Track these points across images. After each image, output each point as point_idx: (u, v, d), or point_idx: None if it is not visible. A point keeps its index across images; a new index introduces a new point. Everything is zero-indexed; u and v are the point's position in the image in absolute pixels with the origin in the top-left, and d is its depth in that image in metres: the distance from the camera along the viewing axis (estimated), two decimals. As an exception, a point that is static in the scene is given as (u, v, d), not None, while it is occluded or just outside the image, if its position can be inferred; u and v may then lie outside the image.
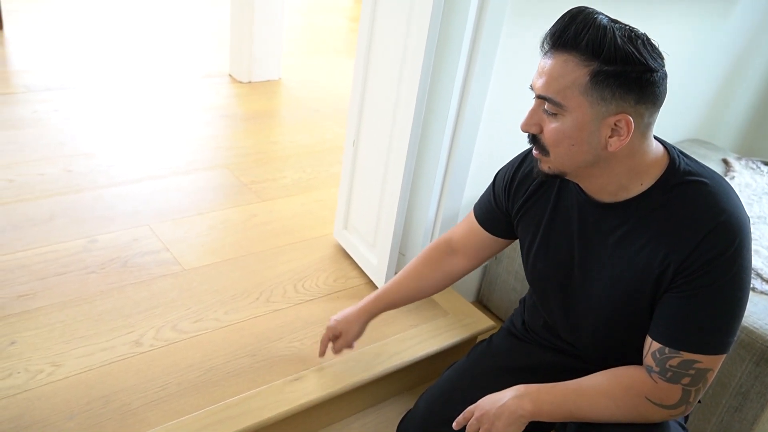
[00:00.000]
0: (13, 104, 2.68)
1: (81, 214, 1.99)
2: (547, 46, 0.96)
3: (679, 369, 0.98)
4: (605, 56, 0.91)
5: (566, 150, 0.97)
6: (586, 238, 1.09)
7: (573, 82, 0.93)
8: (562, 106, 0.95)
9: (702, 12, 2.11)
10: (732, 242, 0.95)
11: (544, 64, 0.96)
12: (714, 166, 2.29)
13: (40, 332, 1.52)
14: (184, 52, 3.68)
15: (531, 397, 1.06)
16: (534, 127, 1.00)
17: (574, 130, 0.96)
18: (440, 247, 1.37)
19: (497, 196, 1.24)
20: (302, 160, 2.57)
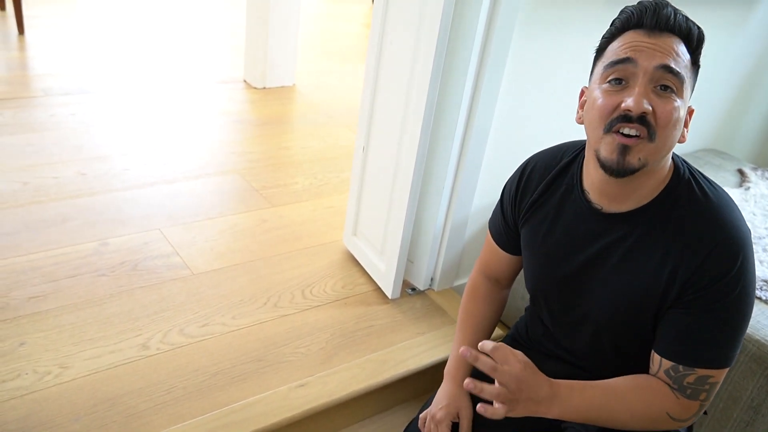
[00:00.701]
0: (31, 108, 2.72)
1: (93, 217, 2.01)
2: (655, 26, 0.93)
3: (697, 385, 0.99)
4: (699, 51, 0.97)
5: (672, 134, 0.94)
6: (588, 250, 1.08)
7: (687, 64, 0.95)
8: (683, 83, 0.94)
9: (718, 20, 2.09)
10: (738, 257, 0.94)
11: (656, 41, 0.93)
12: (729, 177, 2.26)
13: (49, 334, 1.54)
14: (200, 58, 3.71)
15: (560, 406, 1.00)
16: (650, 106, 0.92)
17: (683, 111, 0.95)
18: (480, 282, 1.32)
19: (505, 210, 1.22)
20: (314, 166, 2.58)
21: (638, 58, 0.93)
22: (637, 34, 0.94)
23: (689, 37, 0.95)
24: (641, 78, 0.93)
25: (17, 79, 3.02)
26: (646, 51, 0.93)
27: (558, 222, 1.12)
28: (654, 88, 0.93)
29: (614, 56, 0.95)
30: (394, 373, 1.57)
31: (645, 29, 0.94)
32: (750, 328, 1.46)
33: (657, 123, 0.92)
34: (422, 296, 1.87)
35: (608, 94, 0.95)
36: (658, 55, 0.92)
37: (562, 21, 1.62)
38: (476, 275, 1.34)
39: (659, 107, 0.92)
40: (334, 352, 1.61)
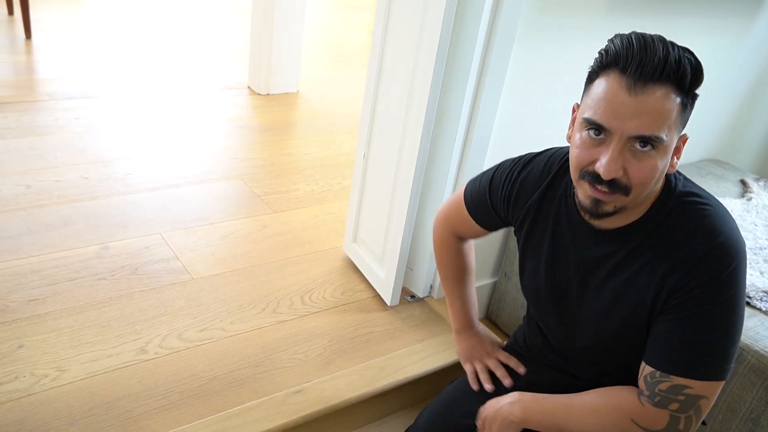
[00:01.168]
0: (35, 112, 2.74)
1: (95, 221, 2.02)
2: (640, 76, 0.85)
3: (668, 394, 0.96)
4: (697, 85, 0.89)
5: (649, 186, 0.91)
6: (582, 264, 1.07)
7: (674, 117, 0.88)
8: (663, 142, 0.88)
9: (722, 29, 2.09)
10: (728, 265, 0.93)
11: (636, 102, 0.86)
12: (731, 187, 2.26)
13: (48, 337, 1.54)
14: (205, 64, 3.73)
15: (522, 405, 1.08)
16: (620, 171, 0.89)
17: (664, 162, 0.91)
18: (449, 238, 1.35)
19: (494, 202, 1.20)
20: (316, 172, 2.58)
21: (613, 125, 0.88)
22: (618, 86, 0.87)
23: (681, 82, 0.87)
24: (615, 142, 0.88)
25: (23, 83, 3.04)
26: (622, 115, 0.87)
27: (555, 233, 1.11)
28: (631, 147, 0.89)
29: (592, 111, 0.90)
30: (392, 380, 1.57)
31: (628, 79, 0.86)
32: (749, 339, 1.45)
33: (630, 181, 0.90)
34: (421, 304, 1.86)
35: (585, 145, 0.92)
36: (635, 123, 0.86)
37: (564, 29, 1.63)
38: (444, 232, 1.35)
39: (633, 168, 0.89)
40: (332, 359, 1.61)
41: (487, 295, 2.01)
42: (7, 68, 3.18)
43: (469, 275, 1.39)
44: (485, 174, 1.23)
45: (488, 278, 1.99)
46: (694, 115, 2.43)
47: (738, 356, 1.45)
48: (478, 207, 1.24)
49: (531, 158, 1.17)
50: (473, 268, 1.40)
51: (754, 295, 1.60)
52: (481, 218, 1.25)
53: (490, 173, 1.22)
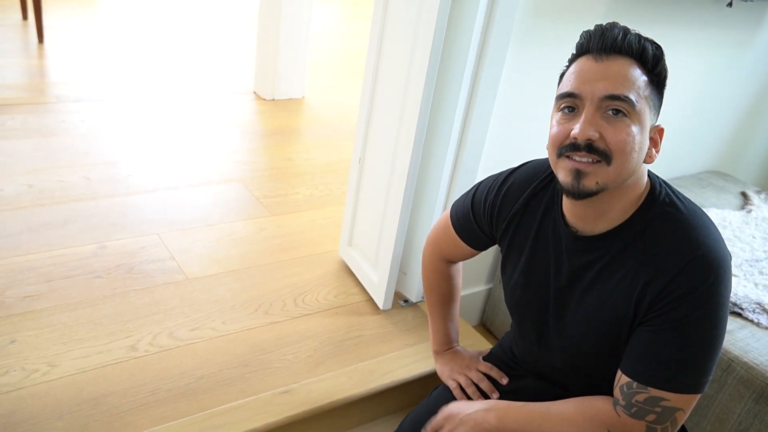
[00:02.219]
0: (43, 114, 2.78)
1: (94, 221, 2.04)
2: (603, 49, 0.92)
3: (645, 405, 0.95)
4: (659, 69, 0.94)
5: (629, 157, 0.92)
6: (563, 272, 1.07)
7: (640, 85, 0.92)
8: (634, 105, 0.91)
9: (724, 40, 2.09)
10: (707, 277, 0.92)
11: (602, 67, 0.92)
12: (732, 199, 2.24)
13: (40, 332, 1.56)
14: (211, 69, 3.77)
15: (498, 413, 1.07)
16: (595, 133, 0.91)
17: (638, 134, 0.93)
18: (438, 264, 1.35)
19: (478, 219, 1.21)
20: (316, 177, 2.60)
21: (583, 90, 0.92)
22: (586, 61, 0.94)
23: (643, 57, 0.92)
24: (588, 106, 0.92)
25: (33, 86, 3.09)
26: (591, 80, 0.92)
27: (537, 243, 1.11)
28: (604, 114, 0.92)
29: (564, 87, 0.96)
30: (381, 383, 1.57)
31: (593, 54, 0.93)
32: (739, 351, 1.44)
33: (610, 148, 0.91)
34: (414, 308, 1.86)
35: (560, 123, 0.95)
36: (602, 84, 0.91)
37: (559, 34, 1.63)
38: (432, 257, 1.35)
39: (609, 132, 0.91)
40: (321, 360, 1.61)
41: (482, 301, 2.01)
42: (18, 71, 3.24)
43: (454, 300, 1.39)
44: (468, 192, 1.25)
45: (482, 285, 1.99)
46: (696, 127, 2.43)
47: (727, 367, 1.44)
48: (464, 226, 1.25)
49: (512, 171, 1.18)
50: (459, 292, 1.40)
51: (746, 306, 1.59)
52: (468, 237, 1.25)
53: (472, 191, 1.24)
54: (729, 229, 2.01)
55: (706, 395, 1.47)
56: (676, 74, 2.07)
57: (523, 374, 1.27)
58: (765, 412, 1.38)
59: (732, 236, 1.96)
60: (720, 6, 1.95)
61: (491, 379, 1.29)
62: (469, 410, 1.11)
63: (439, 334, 1.40)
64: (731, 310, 1.58)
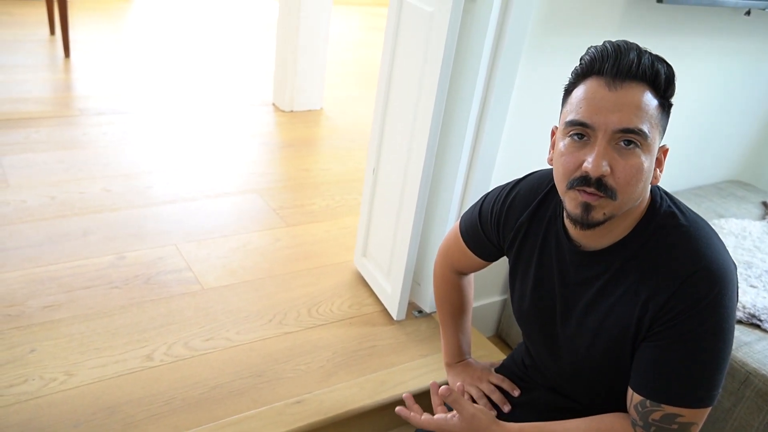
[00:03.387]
0: (66, 126, 2.84)
1: (113, 232, 2.08)
2: (617, 74, 0.89)
3: (662, 423, 0.95)
4: (671, 91, 0.92)
5: (636, 188, 0.91)
6: (567, 288, 1.06)
7: (653, 114, 0.90)
8: (647, 138, 0.89)
9: (743, 50, 2.06)
10: (711, 290, 0.91)
11: (615, 97, 0.88)
12: (752, 209, 2.21)
13: (59, 342, 1.59)
14: (231, 81, 3.82)
15: None
16: (608, 168, 0.89)
17: (649, 164, 0.91)
18: (449, 276, 1.36)
19: (486, 229, 1.21)
20: (332, 188, 2.61)
21: (596, 121, 0.89)
22: (597, 85, 0.90)
23: (656, 82, 0.90)
24: (600, 138, 0.89)
25: (58, 100, 3.16)
26: (604, 110, 0.89)
27: (542, 254, 1.10)
28: (616, 145, 0.90)
29: (574, 113, 0.92)
30: (393, 394, 1.57)
31: (606, 78, 0.89)
32: (757, 363, 1.41)
33: (617, 182, 0.90)
34: (428, 319, 1.86)
35: (570, 151, 0.93)
36: (616, 116, 0.88)
37: (571, 48, 1.63)
38: (443, 268, 1.35)
39: (619, 166, 0.89)
40: (334, 371, 1.62)
41: (497, 312, 2.00)
42: (44, 85, 3.31)
43: (466, 311, 1.38)
44: (476, 203, 1.25)
45: (497, 296, 1.98)
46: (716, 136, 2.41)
47: (745, 380, 1.41)
48: (473, 237, 1.25)
49: (518, 181, 1.18)
50: (471, 304, 1.40)
51: (765, 318, 1.56)
52: (477, 248, 1.25)
53: (480, 202, 1.24)
54: (749, 239, 1.97)
55: (724, 408, 1.45)
56: (694, 83, 2.07)
57: (535, 386, 1.26)
58: (784, 426, 1.35)
59: (752, 246, 1.93)
60: (738, 15, 1.93)
61: (503, 391, 1.28)
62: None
63: (450, 346, 1.39)
64: (749, 322, 1.55)
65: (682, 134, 2.13)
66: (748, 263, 1.82)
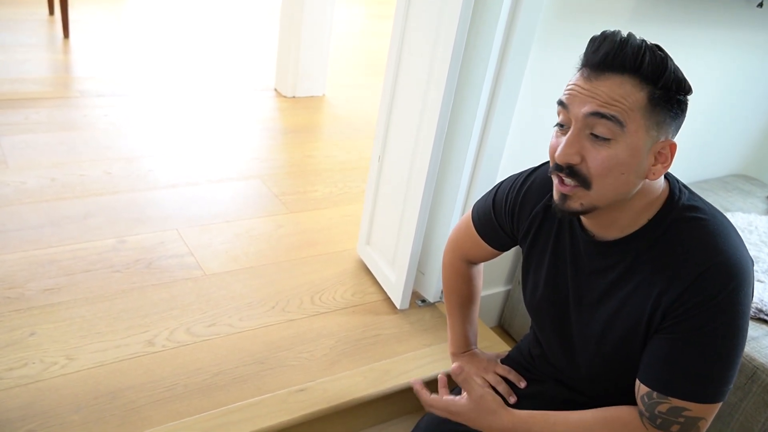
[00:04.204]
0: (66, 108, 2.81)
1: (115, 215, 2.06)
2: (594, 66, 0.89)
3: (668, 416, 0.93)
4: (664, 81, 0.87)
5: (614, 180, 0.89)
6: (581, 278, 1.05)
7: (634, 105, 0.87)
8: (623, 127, 0.87)
9: (753, 43, 2.04)
10: (726, 285, 0.89)
11: (591, 87, 0.88)
12: (758, 203, 2.19)
13: (59, 326, 1.57)
14: (233, 66, 3.78)
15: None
16: (575, 157, 0.89)
17: (628, 156, 0.88)
18: (459, 265, 1.34)
19: (499, 218, 1.19)
20: (335, 175, 2.59)
21: (571, 106, 0.90)
22: (581, 75, 0.91)
23: (641, 72, 0.87)
24: (573, 125, 0.90)
25: (58, 81, 3.12)
26: (579, 97, 0.89)
27: (557, 245, 1.09)
28: (589, 135, 0.89)
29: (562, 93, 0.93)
30: (397, 384, 1.56)
31: (589, 68, 0.90)
32: (764, 358, 1.40)
33: (590, 172, 0.89)
34: (431, 308, 1.85)
35: (554, 137, 0.95)
36: (589, 101, 0.88)
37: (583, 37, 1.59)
38: (453, 257, 1.34)
39: (590, 156, 0.89)
40: (337, 359, 1.61)
41: (500, 303, 1.99)
42: (43, 66, 3.27)
43: (474, 302, 1.37)
44: (490, 192, 1.23)
45: (501, 286, 1.97)
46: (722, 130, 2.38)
47: (752, 375, 1.40)
48: (485, 225, 1.23)
49: (534, 170, 1.16)
50: (479, 294, 1.38)
51: (773, 313, 1.55)
52: (489, 237, 1.24)
53: (494, 190, 1.22)
54: (755, 234, 1.96)
55: (730, 403, 1.44)
56: (703, 75, 2.04)
57: (542, 378, 1.25)
58: (791, 422, 1.35)
59: (758, 241, 1.92)
60: (750, 6, 1.91)
61: (509, 383, 1.27)
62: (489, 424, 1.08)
63: (457, 336, 1.38)
64: (757, 317, 1.54)
65: (689, 128, 2.11)
66: (755, 258, 1.81)
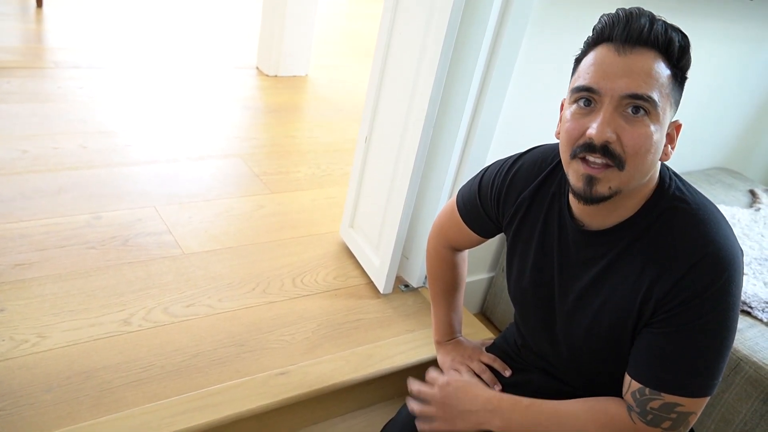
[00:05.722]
0: (40, 79, 2.71)
1: (90, 190, 1.99)
2: (627, 40, 0.85)
3: (661, 412, 0.91)
4: (684, 62, 0.88)
5: (645, 160, 0.86)
6: (567, 267, 1.03)
7: (664, 82, 0.86)
8: (656, 107, 0.85)
9: (743, 36, 2.04)
10: (719, 277, 0.87)
11: (625, 62, 0.85)
12: (740, 197, 2.21)
13: (30, 302, 1.51)
14: (214, 42, 3.69)
15: (502, 416, 1.01)
16: (613, 134, 0.85)
17: (658, 135, 0.86)
18: (444, 252, 1.32)
19: (485, 204, 1.16)
20: (318, 156, 2.55)
21: (603, 86, 0.85)
22: (607, 51, 0.86)
23: (669, 50, 0.86)
24: (606, 104, 0.85)
25: (30, 51, 3.02)
26: (612, 75, 0.85)
27: (544, 233, 1.06)
28: (623, 112, 0.85)
29: (582, 79, 0.88)
30: (379, 369, 1.53)
31: (615, 44, 0.86)
32: (748, 350, 1.41)
33: (625, 150, 0.86)
34: (415, 293, 1.83)
35: (576, 118, 0.89)
36: (624, 81, 0.84)
37: (577, 23, 1.58)
38: (438, 243, 1.31)
39: (627, 134, 0.85)
40: (319, 343, 1.57)
41: (483, 290, 1.98)
42: (15, 35, 3.16)
43: (459, 289, 1.35)
44: (476, 177, 1.20)
45: (485, 273, 1.95)
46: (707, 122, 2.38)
47: (735, 366, 1.41)
48: (470, 211, 1.20)
49: (521, 155, 1.12)
50: (464, 281, 1.36)
51: (756, 305, 1.56)
52: (474, 223, 1.21)
53: (480, 175, 1.18)
54: (738, 227, 1.97)
55: (713, 395, 1.44)
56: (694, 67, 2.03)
57: (527, 368, 1.23)
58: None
59: (741, 234, 1.93)
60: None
61: (494, 372, 1.25)
62: (471, 407, 1.04)
63: (442, 324, 1.36)
64: (741, 309, 1.54)
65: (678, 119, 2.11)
66: (737, 251, 1.81)
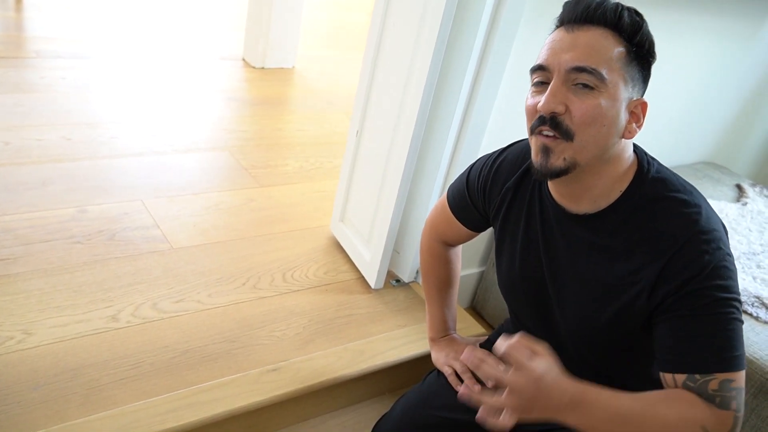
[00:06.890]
0: (22, 68, 2.65)
1: (75, 183, 1.95)
2: (575, 19, 0.90)
3: (723, 392, 0.88)
4: (639, 39, 0.90)
5: (596, 132, 0.89)
6: (555, 254, 1.02)
7: (613, 56, 0.88)
8: (603, 79, 0.88)
9: (733, 32, 2.04)
10: (713, 253, 0.88)
11: (572, 38, 0.89)
12: (727, 191, 2.22)
13: (15, 298, 1.48)
14: (200, 33, 3.64)
15: (582, 412, 0.89)
16: (560, 106, 0.88)
17: (609, 108, 0.89)
18: (436, 247, 1.32)
19: (473, 197, 1.17)
20: (307, 149, 2.52)
21: (551, 61, 0.90)
22: (559, 32, 0.92)
23: (619, 26, 0.89)
24: (555, 78, 0.90)
25: (11, 40, 2.95)
26: (559, 50, 0.90)
27: (529, 221, 1.07)
28: (572, 86, 0.89)
29: (536, 60, 0.93)
30: (371, 364, 1.53)
31: (566, 25, 0.91)
32: (739, 344, 1.41)
33: (573, 122, 0.88)
34: (406, 288, 1.82)
35: (532, 96, 0.94)
36: (569, 55, 0.88)
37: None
38: (430, 240, 1.32)
39: (575, 105, 0.88)
40: (311, 339, 1.56)
41: (473, 284, 1.97)
42: (-5, 23, 3.09)
43: (452, 285, 1.35)
44: (465, 171, 1.22)
45: (475, 267, 1.95)
46: (693, 117, 2.39)
47: (726, 361, 1.41)
48: (460, 205, 1.21)
49: (506, 148, 1.15)
50: (458, 277, 1.36)
51: (745, 300, 1.57)
52: (464, 217, 1.22)
53: (467, 170, 1.21)
54: (725, 221, 1.98)
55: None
56: (680, 60, 2.04)
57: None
58: (762, 407, 1.36)
59: (728, 228, 1.94)
60: (732, -7, 1.91)
61: None
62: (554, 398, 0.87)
63: (435, 321, 1.35)
64: (730, 304, 1.56)
65: (664, 113, 2.12)
66: (726, 245, 1.82)
